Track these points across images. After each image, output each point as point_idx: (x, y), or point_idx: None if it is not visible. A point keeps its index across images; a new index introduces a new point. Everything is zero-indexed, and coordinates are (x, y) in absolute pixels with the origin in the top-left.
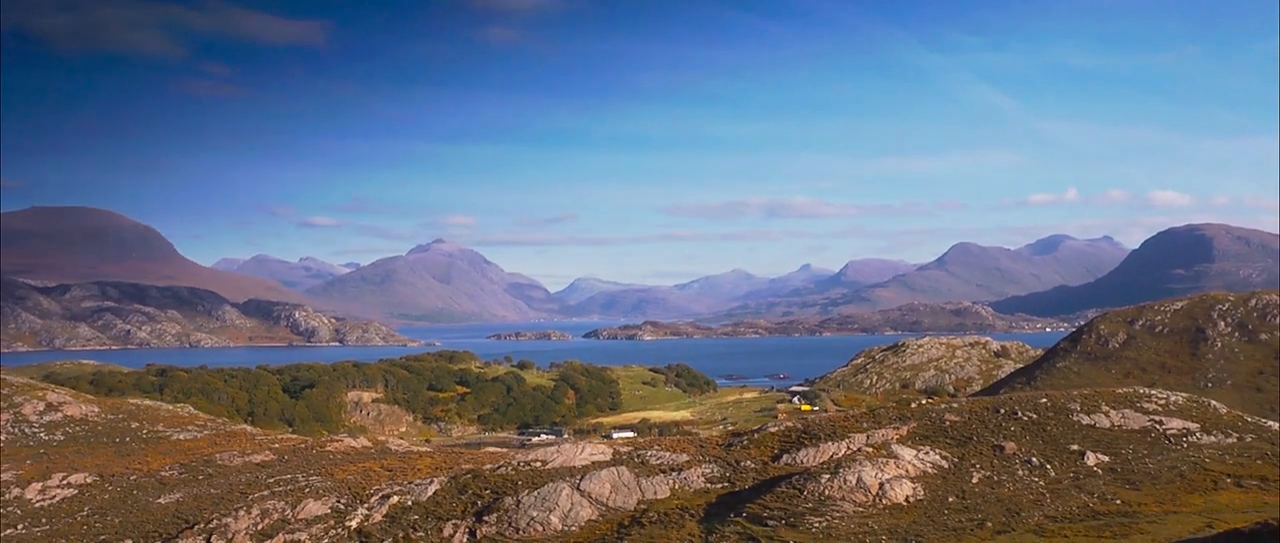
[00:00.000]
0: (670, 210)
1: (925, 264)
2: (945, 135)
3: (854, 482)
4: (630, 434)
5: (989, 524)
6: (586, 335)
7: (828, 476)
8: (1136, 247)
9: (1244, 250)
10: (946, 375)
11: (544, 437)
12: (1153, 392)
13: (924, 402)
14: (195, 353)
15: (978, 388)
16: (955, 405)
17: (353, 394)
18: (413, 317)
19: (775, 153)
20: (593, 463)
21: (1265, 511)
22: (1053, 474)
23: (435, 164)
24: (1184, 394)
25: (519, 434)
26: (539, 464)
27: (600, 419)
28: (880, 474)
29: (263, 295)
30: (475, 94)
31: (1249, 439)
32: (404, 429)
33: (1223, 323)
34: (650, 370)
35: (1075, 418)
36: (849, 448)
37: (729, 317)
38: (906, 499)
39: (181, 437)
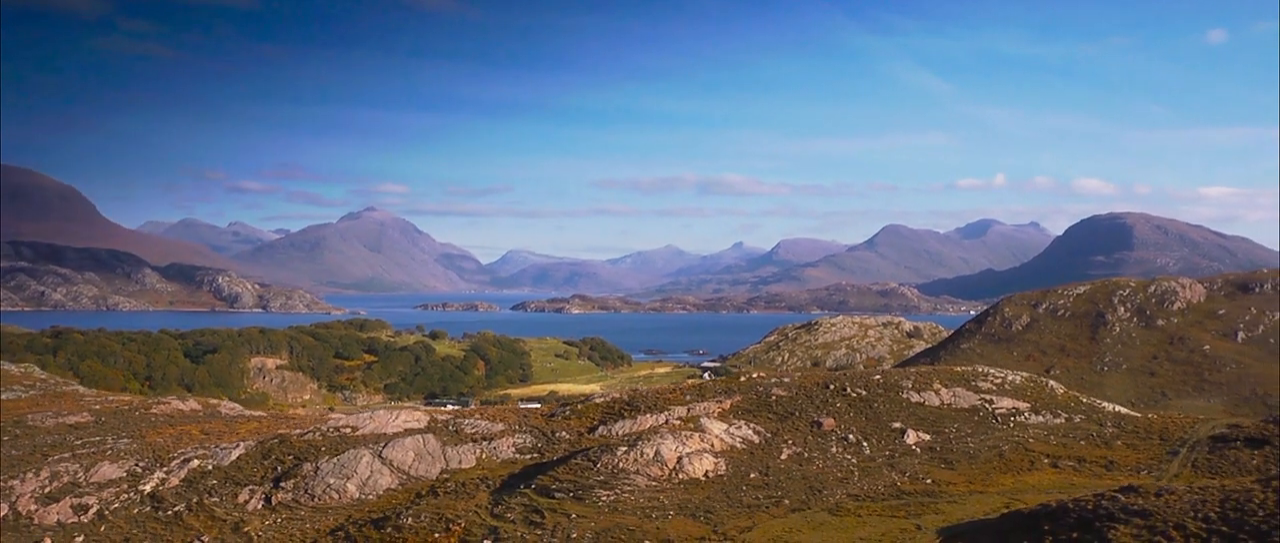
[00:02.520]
0: (604, 184)
1: (855, 245)
2: (879, 117)
3: (651, 455)
4: (537, 406)
5: (786, 502)
6: (514, 308)
7: (625, 448)
8: (1061, 233)
9: (1162, 239)
10: (858, 354)
11: (450, 408)
12: (991, 371)
13: (756, 376)
14: (112, 316)
15: (887, 368)
16: (785, 380)
17: (256, 360)
18: (342, 285)
19: (709, 130)
20: (406, 430)
21: (1069, 491)
22: (868, 452)
23: (368, 131)
24: (1024, 374)
25: (425, 404)
26: (349, 431)
27: (508, 391)
28: (681, 448)
29: (187, 259)
30: (409, 61)
31: (1078, 420)
32: (308, 397)
33: (1122, 308)
34: (564, 343)
35: (905, 396)
36: (667, 421)
37: (660, 292)
38: (706, 474)
39: (4, 397)
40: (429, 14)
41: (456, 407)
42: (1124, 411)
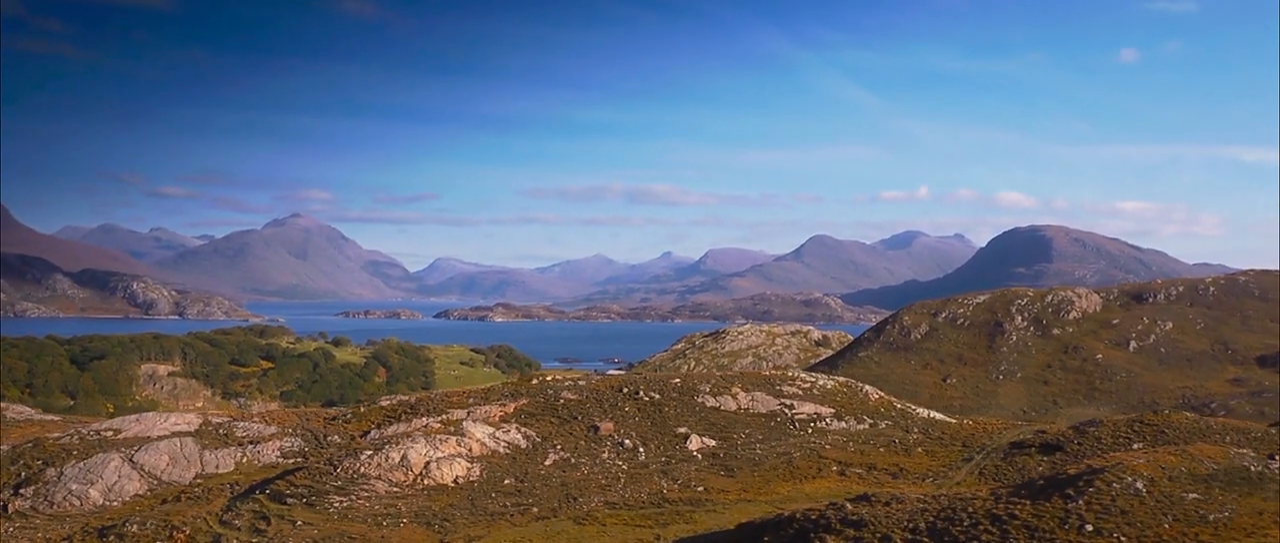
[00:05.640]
0: (532, 193)
1: (782, 255)
2: (806, 129)
3: (397, 459)
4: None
5: (535, 510)
6: (437, 316)
7: (370, 452)
8: (984, 245)
9: (1080, 252)
10: (764, 362)
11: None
12: (802, 376)
13: (549, 378)
14: (18, 323)
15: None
16: (580, 384)
17: (147, 367)
18: (266, 292)
19: (637, 139)
20: (173, 433)
21: (841, 499)
22: (643, 458)
23: (292, 137)
24: (841, 378)
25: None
26: (110, 434)
27: (407, 399)
28: (433, 453)
29: (104, 265)
30: (333, 67)
31: (883, 426)
32: (201, 404)
33: (1020, 318)
34: (471, 351)
35: (700, 400)
36: (428, 424)
37: (588, 301)
38: (455, 480)
39: None
40: (353, 20)
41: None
42: (938, 416)
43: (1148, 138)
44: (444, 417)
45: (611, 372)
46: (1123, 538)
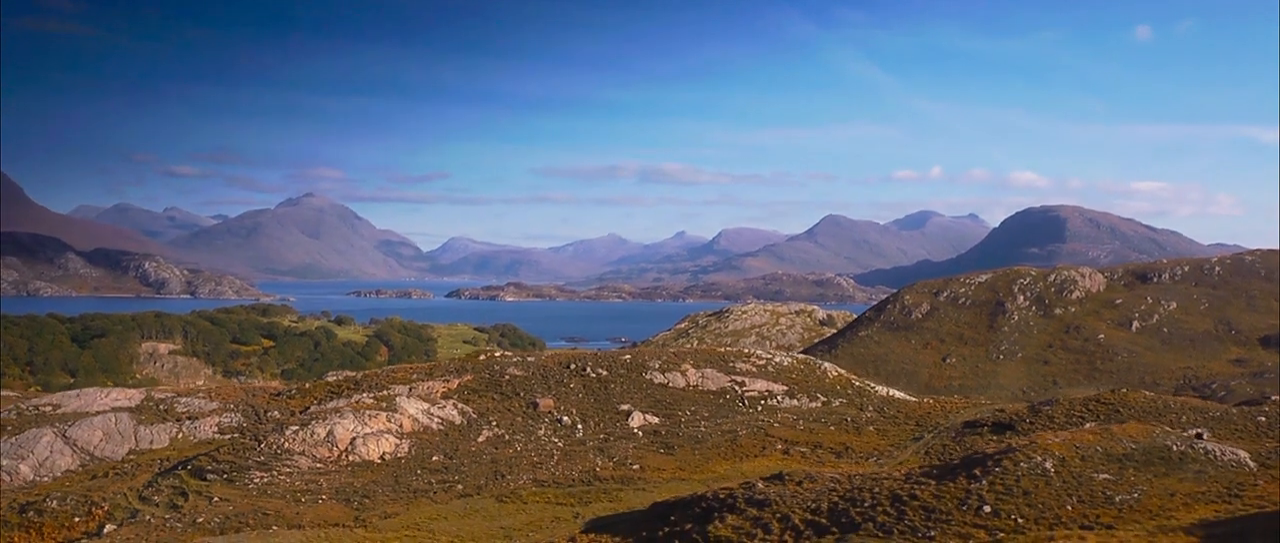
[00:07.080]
0: (545, 172)
1: (795, 235)
2: (820, 107)
3: (323, 435)
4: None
5: (459, 487)
6: (449, 295)
7: (295, 428)
8: (997, 225)
9: (1094, 232)
10: (768, 341)
11: None
12: (758, 353)
13: (499, 354)
14: (31, 302)
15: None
16: (530, 360)
17: (147, 345)
18: (280, 271)
19: (649, 118)
20: (112, 408)
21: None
22: (580, 435)
23: (304, 115)
24: (799, 355)
25: None
26: (49, 409)
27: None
28: (361, 429)
29: (118, 244)
30: (345, 45)
31: (837, 404)
32: (201, 383)
33: (1022, 297)
34: (474, 330)
35: (648, 376)
36: (358, 400)
37: (600, 281)
38: (382, 457)
39: None
40: None
41: None
42: (897, 394)
43: (1163, 117)
44: (382, 392)
45: (611, 350)
46: (1020, 520)
